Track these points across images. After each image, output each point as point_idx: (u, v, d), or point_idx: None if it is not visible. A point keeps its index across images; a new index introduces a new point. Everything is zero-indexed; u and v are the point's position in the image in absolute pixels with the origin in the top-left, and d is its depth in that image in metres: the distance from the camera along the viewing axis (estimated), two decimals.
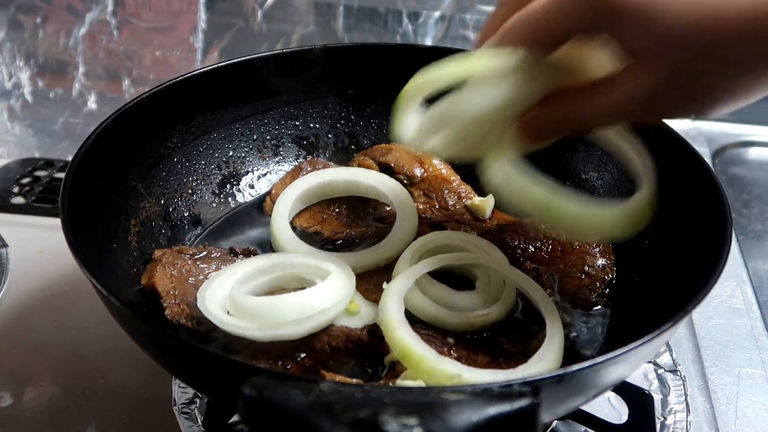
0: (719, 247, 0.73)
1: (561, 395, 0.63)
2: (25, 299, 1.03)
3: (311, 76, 1.02)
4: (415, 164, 1.00)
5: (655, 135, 0.90)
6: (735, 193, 1.35)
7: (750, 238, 1.25)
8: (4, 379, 0.92)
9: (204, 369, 0.66)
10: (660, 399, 0.88)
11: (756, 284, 1.11)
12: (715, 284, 0.69)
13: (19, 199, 1.18)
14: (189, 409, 0.83)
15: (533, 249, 0.89)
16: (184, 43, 1.48)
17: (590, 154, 0.98)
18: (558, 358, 0.73)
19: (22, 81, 1.48)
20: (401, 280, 0.79)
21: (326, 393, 0.55)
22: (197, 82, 0.95)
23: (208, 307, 0.76)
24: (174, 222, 0.94)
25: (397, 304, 0.75)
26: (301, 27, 1.47)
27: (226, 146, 1.01)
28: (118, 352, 0.93)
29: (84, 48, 1.48)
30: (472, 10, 1.46)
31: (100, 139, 0.83)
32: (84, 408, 0.89)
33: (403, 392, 0.58)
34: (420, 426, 0.52)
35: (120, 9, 1.47)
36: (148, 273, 0.84)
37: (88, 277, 0.67)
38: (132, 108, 0.88)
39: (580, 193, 0.97)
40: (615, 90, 0.61)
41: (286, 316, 0.74)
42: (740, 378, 0.95)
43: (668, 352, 0.92)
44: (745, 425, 0.89)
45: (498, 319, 0.80)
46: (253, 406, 0.56)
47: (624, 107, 0.61)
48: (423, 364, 0.69)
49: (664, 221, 0.87)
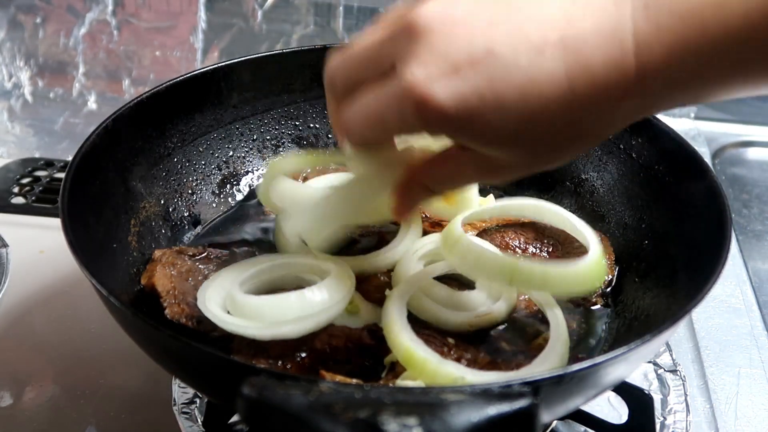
0: (719, 247, 0.73)
1: (561, 395, 0.63)
2: (25, 299, 1.03)
3: (311, 76, 1.02)
4: None
5: (655, 135, 0.91)
6: (735, 193, 1.35)
7: (750, 238, 1.25)
8: (4, 379, 0.92)
9: (204, 369, 0.66)
10: (660, 399, 0.88)
11: (756, 284, 1.11)
12: (715, 284, 0.69)
13: (19, 199, 1.18)
14: (189, 409, 0.83)
15: (533, 249, 0.89)
16: (184, 43, 1.48)
17: (590, 154, 0.98)
18: (563, 359, 0.73)
19: (22, 81, 1.48)
20: (404, 286, 0.79)
21: (326, 393, 0.55)
22: (197, 82, 0.95)
23: (208, 306, 0.76)
24: (174, 222, 0.94)
25: (400, 308, 0.75)
26: (301, 27, 1.47)
27: (226, 146, 1.01)
28: (118, 352, 0.93)
29: (84, 48, 1.48)
30: None
31: (100, 139, 0.83)
32: (84, 408, 0.89)
33: (403, 392, 0.58)
34: (420, 426, 0.52)
35: (120, 9, 1.47)
36: (148, 273, 0.84)
37: (88, 277, 0.67)
38: (132, 108, 0.88)
39: (574, 200, 0.99)
40: (457, 164, 0.64)
41: (286, 315, 0.74)
42: (740, 378, 0.95)
43: (668, 352, 0.92)
44: (745, 425, 0.89)
45: (499, 319, 0.80)
46: (253, 406, 0.56)
47: (467, 177, 0.66)
48: (426, 367, 0.69)
49: (664, 221, 0.88)
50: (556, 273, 0.75)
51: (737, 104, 1.48)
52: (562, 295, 0.80)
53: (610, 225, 0.94)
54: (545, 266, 0.75)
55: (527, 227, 0.91)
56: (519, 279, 0.74)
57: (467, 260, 0.77)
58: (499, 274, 0.75)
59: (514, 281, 0.75)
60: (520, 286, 0.78)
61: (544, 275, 0.74)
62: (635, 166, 0.92)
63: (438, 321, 0.79)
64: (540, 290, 0.77)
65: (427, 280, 0.81)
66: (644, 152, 0.92)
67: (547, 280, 0.74)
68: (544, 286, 0.75)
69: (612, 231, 0.93)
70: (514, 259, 0.76)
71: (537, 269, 0.74)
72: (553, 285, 0.75)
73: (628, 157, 0.93)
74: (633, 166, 0.93)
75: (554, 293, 0.78)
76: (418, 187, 0.68)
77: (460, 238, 0.79)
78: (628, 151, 0.93)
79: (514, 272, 0.74)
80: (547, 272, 0.74)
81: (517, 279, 0.74)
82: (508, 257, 0.78)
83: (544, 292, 0.78)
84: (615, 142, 0.95)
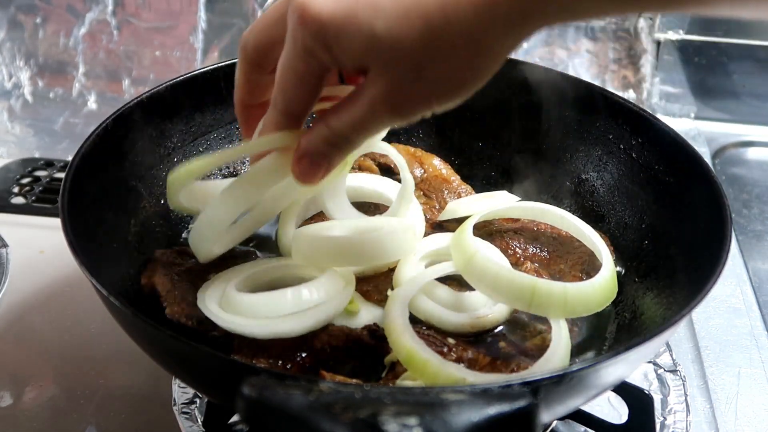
0: (719, 247, 0.73)
1: (561, 395, 0.63)
2: (25, 299, 1.03)
3: None
4: (414, 165, 1.00)
5: (655, 135, 0.91)
6: (735, 193, 1.35)
7: (750, 238, 1.25)
8: (4, 379, 0.92)
9: (204, 369, 0.66)
10: (660, 399, 0.88)
11: (756, 284, 1.11)
12: (715, 284, 0.69)
13: (19, 199, 1.18)
14: (189, 409, 0.83)
15: (534, 249, 0.89)
16: (184, 43, 1.48)
17: (590, 154, 0.98)
18: (565, 360, 0.73)
19: (22, 81, 1.48)
20: (407, 287, 0.79)
21: (326, 393, 0.55)
22: (197, 82, 0.95)
23: (208, 306, 0.76)
24: (174, 222, 0.94)
25: (402, 309, 0.75)
26: None
27: (226, 146, 1.00)
28: (118, 352, 0.93)
29: (84, 48, 1.48)
30: None
31: (100, 139, 0.83)
32: (84, 408, 0.89)
33: (403, 392, 0.58)
34: (420, 426, 0.52)
35: (120, 9, 1.47)
36: (148, 273, 0.84)
37: (88, 277, 0.67)
38: (132, 108, 0.88)
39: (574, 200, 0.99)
40: (358, 100, 0.63)
41: (281, 311, 0.74)
42: (740, 378, 0.95)
43: (668, 352, 0.92)
44: (745, 425, 0.89)
45: (500, 320, 0.80)
46: (253, 406, 0.56)
47: (370, 112, 0.63)
48: (428, 369, 0.69)
49: (664, 221, 0.88)
50: (575, 291, 0.74)
51: (737, 104, 1.48)
52: (581, 315, 0.77)
53: (610, 225, 0.94)
54: (564, 286, 0.74)
55: (527, 227, 0.91)
56: (539, 301, 0.73)
57: (485, 281, 0.75)
58: (519, 297, 0.73)
59: (533, 303, 0.73)
60: (540, 310, 0.74)
61: (564, 295, 0.73)
62: (635, 166, 0.92)
63: (439, 321, 0.79)
64: (560, 313, 0.74)
65: (428, 280, 0.81)
66: (644, 152, 0.92)
67: (567, 301, 0.73)
68: (565, 306, 0.73)
69: (612, 231, 0.93)
70: (532, 279, 0.74)
71: (556, 288, 0.73)
72: (573, 304, 0.73)
73: (628, 157, 0.93)
74: (633, 166, 0.93)
75: (574, 314, 0.75)
76: (320, 137, 0.66)
77: (474, 255, 0.77)
78: (628, 151, 0.93)
79: (534, 293, 0.73)
80: (567, 291, 0.73)
81: (536, 301, 0.73)
82: (527, 276, 0.75)
83: (563, 316, 0.75)
84: (615, 142, 0.95)
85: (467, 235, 0.80)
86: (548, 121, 1.00)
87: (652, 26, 1.43)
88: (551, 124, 1.00)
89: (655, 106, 1.46)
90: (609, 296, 0.77)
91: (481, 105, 1.03)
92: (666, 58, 1.45)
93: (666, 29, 1.44)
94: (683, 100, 1.47)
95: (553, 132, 1.00)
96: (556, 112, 0.99)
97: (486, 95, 0.99)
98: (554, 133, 1.00)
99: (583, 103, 0.97)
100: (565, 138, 0.99)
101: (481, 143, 1.03)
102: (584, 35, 1.46)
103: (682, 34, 1.44)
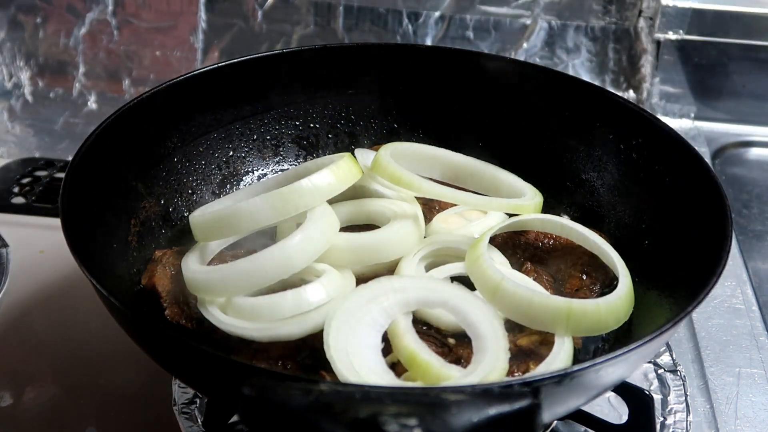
0: (719, 247, 0.73)
1: (561, 396, 0.63)
2: (25, 299, 1.03)
3: (311, 76, 1.02)
4: None
5: (655, 135, 0.91)
6: (735, 193, 1.35)
7: (750, 238, 1.25)
8: (4, 379, 0.92)
9: (204, 369, 0.66)
10: (660, 399, 0.88)
11: (756, 284, 1.11)
12: (715, 284, 0.69)
13: (19, 199, 1.18)
14: (189, 409, 0.83)
15: (534, 249, 0.89)
16: (184, 43, 1.48)
17: (590, 154, 0.98)
18: (567, 361, 0.73)
19: (23, 81, 1.48)
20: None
21: (326, 393, 0.55)
22: (197, 82, 0.95)
23: (208, 307, 0.76)
24: (174, 222, 0.94)
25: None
26: (301, 27, 1.47)
27: (226, 146, 1.00)
28: (118, 352, 0.93)
29: (84, 48, 1.48)
30: (472, 10, 1.46)
31: (100, 139, 0.83)
32: (84, 408, 0.89)
33: (403, 392, 0.58)
34: (420, 426, 0.52)
35: (120, 9, 1.47)
36: (148, 273, 0.84)
37: (88, 277, 0.67)
38: (132, 108, 0.88)
39: (574, 200, 0.98)
40: None
41: (282, 313, 0.74)
42: (740, 378, 0.95)
43: (668, 352, 0.92)
44: (745, 425, 0.89)
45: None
46: (253, 406, 0.56)
47: None
48: (429, 370, 0.69)
49: (665, 221, 0.87)
50: (606, 305, 0.73)
51: (737, 104, 1.48)
52: (612, 329, 0.75)
53: (610, 225, 0.94)
54: (596, 302, 0.73)
55: None
56: (575, 323, 0.72)
57: (519, 311, 0.73)
58: (556, 322, 0.72)
59: (570, 326, 0.72)
60: (578, 330, 0.73)
61: (597, 311, 0.72)
62: (635, 166, 0.92)
63: (439, 321, 0.79)
64: (595, 330, 0.73)
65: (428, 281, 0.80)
66: (644, 152, 0.92)
67: (601, 317, 0.72)
68: (599, 323, 0.73)
69: (612, 231, 0.93)
70: (566, 301, 0.72)
71: (590, 307, 0.72)
72: (606, 319, 0.73)
73: (628, 157, 0.93)
74: (633, 166, 0.93)
75: (607, 329, 0.74)
76: None
77: (500, 285, 0.74)
78: (628, 151, 0.93)
79: (570, 316, 0.71)
80: (599, 307, 0.73)
81: (573, 323, 0.72)
82: (560, 299, 0.73)
83: (598, 332, 0.74)
84: (615, 142, 0.95)
85: (485, 261, 0.76)
86: (548, 121, 1.00)
87: (652, 26, 1.43)
88: (551, 125, 1.00)
89: (655, 106, 1.46)
90: (632, 304, 0.77)
91: (480, 105, 1.03)
92: (666, 58, 1.45)
93: (666, 29, 1.43)
94: (683, 100, 1.47)
95: (553, 132, 1.00)
96: (556, 113, 0.99)
97: (485, 96, 0.99)
98: (554, 133, 1.00)
99: (582, 103, 0.97)
100: (565, 138, 0.99)
101: (480, 143, 1.03)
102: (584, 35, 1.46)
103: (682, 34, 1.43)
